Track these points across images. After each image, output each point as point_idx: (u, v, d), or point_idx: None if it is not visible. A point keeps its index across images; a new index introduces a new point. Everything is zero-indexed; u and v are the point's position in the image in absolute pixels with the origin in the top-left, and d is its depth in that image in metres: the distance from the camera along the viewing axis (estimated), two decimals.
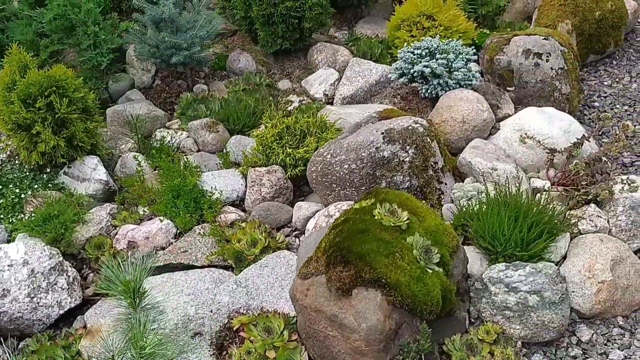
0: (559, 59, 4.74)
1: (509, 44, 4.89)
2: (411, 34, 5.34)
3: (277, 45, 5.37)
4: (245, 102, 4.77)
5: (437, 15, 5.33)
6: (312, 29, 5.45)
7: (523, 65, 4.73)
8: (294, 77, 5.47)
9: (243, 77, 5.23)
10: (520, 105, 4.76)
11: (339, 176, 3.65)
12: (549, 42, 4.79)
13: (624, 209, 3.43)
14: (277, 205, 3.83)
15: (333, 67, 5.38)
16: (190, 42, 4.92)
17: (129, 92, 5.18)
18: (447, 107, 4.21)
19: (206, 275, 3.39)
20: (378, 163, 3.61)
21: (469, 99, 4.19)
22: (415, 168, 3.65)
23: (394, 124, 3.77)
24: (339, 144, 3.75)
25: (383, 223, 2.83)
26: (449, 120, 4.15)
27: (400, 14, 5.48)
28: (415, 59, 4.40)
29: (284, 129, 4.19)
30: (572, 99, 4.73)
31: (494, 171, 3.73)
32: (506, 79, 4.81)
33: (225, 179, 4.06)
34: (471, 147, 3.96)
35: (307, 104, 4.85)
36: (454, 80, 4.35)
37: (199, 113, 4.70)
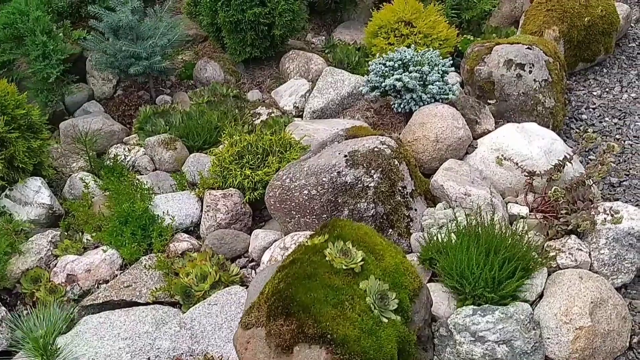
0: (543, 70, 4.43)
1: (490, 54, 4.59)
2: (389, 41, 5.03)
3: (245, 54, 5.06)
4: (208, 116, 4.46)
5: (415, 22, 5.02)
6: (284, 36, 5.13)
7: (505, 77, 4.42)
8: (265, 87, 5.16)
9: (209, 88, 4.92)
10: (501, 120, 4.46)
11: (298, 203, 3.35)
12: (533, 52, 4.48)
13: (607, 242, 3.13)
14: (232, 234, 3.52)
15: (306, 76, 5.07)
16: (151, 51, 4.61)
17: (87, 104, 4.87)
18: (419, 124, 3.90)
19: (148, 315, 3.08)
20: (340, 189, 3.31)
21: (444, 116, 3.88)
22: (380, 194, 3.35)
23: (358, 145, 3.46)
24: (299, 167, 3.44)
25: (334, 265, 2.53)
26: (422, 139, 3.84)
27: (378, 20, 5.16)
28: (388, 71, 4.09)
29: (245, 147, 3.89)
30: (557, 113, 4.42)
31: (467, 197, 3.42)
32: (487, 91, 4.50)
33: (179, 203, 3.76)
34: (444, 169, 3.65)
35: (274, 118, 4.54)
36: (429, 94, 4.04)
37: (157, 128, 4.39)
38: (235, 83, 5.18)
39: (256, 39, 5.01)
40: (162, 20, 4.75)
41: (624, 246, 3.14)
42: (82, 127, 4.42)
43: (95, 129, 4.41)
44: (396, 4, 5.15)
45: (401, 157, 3.51)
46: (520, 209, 3.51)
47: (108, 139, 4.48)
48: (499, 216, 3.35)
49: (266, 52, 5.19)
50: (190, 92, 4.90)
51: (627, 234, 3.16)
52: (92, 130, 4.41)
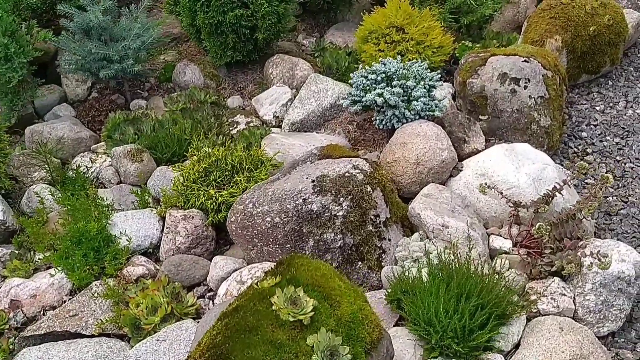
0: (540, 86, 4.12)
1: (484, 65, 4.28)
2: (378, 47, 4.73)
3: (227, 57, 4.78)
4: (180, 125, 4.20)
5: (408, 28, 4.71)
6: (268, 40, 4.84)
7: (498, 92, 4.12)
8: (246, 94, 4.89)
9: (186, 93, 4.65)
10: (493, 138, 4.16)
11: (260, 230, 3.09)
12: (530, 66, 4.16)
13: (594, 287, 2.85)
14: (190, 260, 3.27)
15: (290, 83, 4.79)
16: (123, 54, 4.35)
17: (57, 108, 4.63)
18: (400, 144, 3.62)
19: (90, 351, 2.85)
20: (305, 217, 3.04)
21: (427, 135, 3.60)
22: (350, 224, 3.08)
23: (328, 169, 3.19)
24: (264, 191, 3.18)
25: (280, 316, 2.27)
26: (401, 161, 3.56)
27: (368, 25, 4.86)
28: (369, 85, 3.80)
29: (213, 163, 3.63)
30: (553, 133, 4.12)
31: (445, 229, 3.15)
32: (479, 106, 4.21)
33: (139, 222, 3.51)
34: (423, 195, 3.38)
35: (250, 129, 4.27)
36: (413, 111, 3.75)
37: (126, 137, 4.14)
38: (215, 88, 4.91)
39: (238, 42, 4.73)
40: (137, 20, 4.48)
41: (612, 292, 2.86)
42: (47, 134, 4.19)
43: (60, 136, 4.18)
44: (388, 8, 4.85)
45: (375, 182, 3.23)
46: (503, 242, 3.23)
47: (74, 146, 4.24)
48: (477, 252, 3.07)
49: (249, 56, 4.91)
50: (166, 98, 4.64)
51: (616, 278, 2.87)
52: (57, 137, 4.18)
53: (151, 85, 5.08)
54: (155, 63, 5.29)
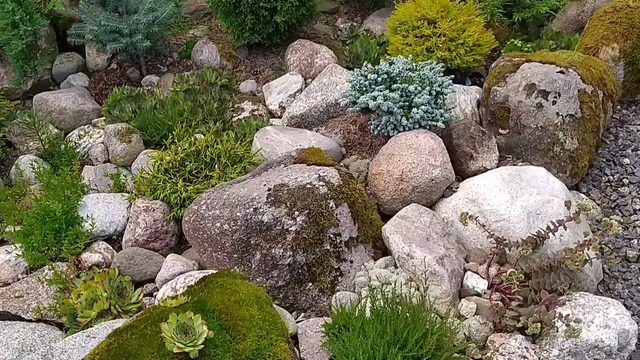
0: (572, 103, 3.60)
1: (514, 73, 3.80)
2: (406, 41, 4.34)
3: (244, 39, 4.56)
4: (179, 107, 4.05)
5: (440, 22, 4.28)
6: (290, 24, 4.56)
7: (522, 105, 3.64)
8: (261, 79, 4.66)
9: (197, 73, 4.50)
10: (510, 156, 3.71)
11: (210, 235, 2.89)
12: (565, 78, 3.64)
13: (561, 354, 2.43)
14: (144, 254, 3.14)
15: (307, 72, 4.51)
16: (134, 27, 4.23)
17: (72, 76, 4.62)
18: (388, 155, 3.27)
19: (19, 337, 2.80)
20: (254, 228, 2.81)
21: (419, 149, 3.22)
22: (303, 241, 2.81)
23: (290, 177, 2.92)
24: (220, 193, 2.97)
25: (166, 345, 2.08)
26: (384, 174, 3.22)
27: (400, 15, 4.46)
28: (367, 86, 3.45)
29: (192, 153, 3.46)
30: (579, 158, 3.59)
31: (410, 259, 2.81)
32: (499, 118, 3.75)
33: (108, 207, 3.42)
34: (399, 217, 3.03)
35: (247, 119, 4.06)
36: (412, 119, 3.37)
37: (123, 114, 4.05)
38: (231, 70, 4.72)
39: (257, 23, 4.50)
40: None
41: None
42: (52, 103, 4.18)
43: (63, 107, 4.15)
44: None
45: (342, 197, 2.93)
46: (478, 282, 2.85)
47: (76, 118, 4.21)
48: (442, 290, 2.72)
49: (270, 39, 4.67)
50: (176, 76, 4.50)
51: (592, 347, 2.44)
52: (60, 107, 4.16)
53: (173, 61, 4.96)
54: (183, 37, 5.17)
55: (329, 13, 5.67)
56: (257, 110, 4.25)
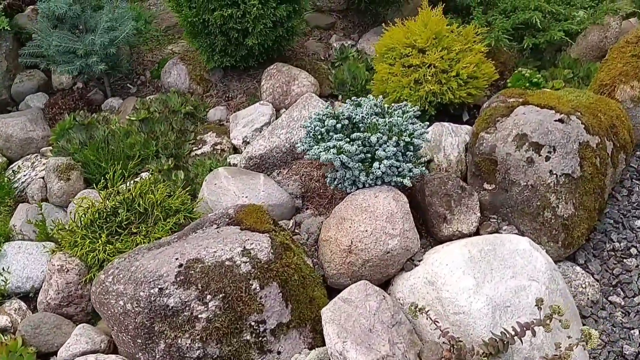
0: (571, 159, 3.03)
1: (507, 117, 3.26)
2: (392, 70, 3.82)
3: (214, 62, 4.12)
4: (132, 139, 3.65)
5: (431, 51, 3.74)
6: (265, 46, 4.09)
7: (511, 158, 3.10)
8: (233, 106, 4.21)
9: (162, 98, 4.08)
10: (495, 217, 3.17)
11: (113, 313, 2.48)
12: (564, 128, 3.08)
13: None
14: (52, 323, 2.75)
15: (281, 100, 4.04)
16: (90, 48, 3.84)
17: (30, 97, 4.28)
18: (339, 218, 2.79)
19: None
20: (158, 313, 2.38)
21: (376, 213, 2.73)
22: (215, 330, 2.36)
23: (208, 250, 2.47)
24: (129, 264, 2.54)
25: None
26: (332, 242, 2.74)
27: (387, 40, 3.94)
28: (325, 133, 2.96)
29: (125, 201, 3.05)
30: (574, 227, 3.02)
31: (342, 358, 2.33)
32: (485, 171, 3.21)
33: (28, 259, 3.05)
34: (341, 299, 2.55)
35: (204, 156, 3.62)
36: (372, 175, 2.87)
37: (69, 147, 3.67)
38: (201, 94, 4.29)
39: (228, 45, 4.05)
40: (116, 10, 3.94)
41: None
42: (0, 128, 3.85)
43: (10, 134, 3.81)
44: (415, 22, 3.89)
45: (270, 276, 2.47)
46: None
47: (23, 147, 3.86)
48: None
49: (245, 62, 4.21)
50: (138, 101, 4.10)
51: None
52: (6, 134, 3.82)
53: (144, 80, 4.58)
54: (160, 53, 4.78)
55: (324, 29, 5.18)
56: (220, 144, 3.81)
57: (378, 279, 2.73)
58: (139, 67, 4.63)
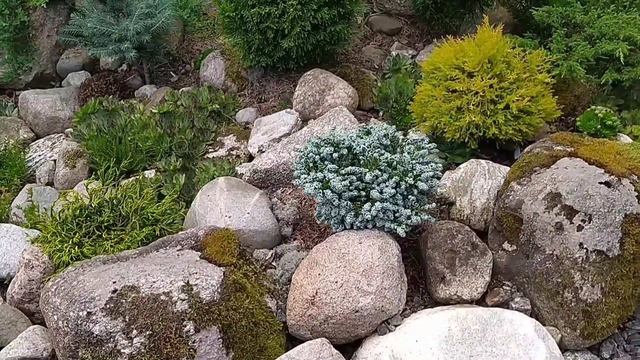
0: (609, 233, 2.50)
1: (547, 168, 2.77)
2: (434, 93, 3.40)
3: (250, 60, 3.88)
4: (147, 133, 3.52)
5: (477, 78, 3.27)
6: (304, 50, 3.78)
7: (538, 219, 2.62)
8: (264, 109, 3.97)
9: (191, 92, 3.92)
10: (509, 285, 2.71)
11: (50, 325, 2.34)
12: (609, 194, 2.55)
13: None
14: (7, 319, 2.66)
15: (313, 110, 3.74)
16: (124, 34, 3.74)
17: (72, 75, 4.28)
18: (312, 261, 2.46)
19: None
20: (84, 338, 2.19)
21: (353, 263, 2.38)
22: None
23: (148, 278, 2.25)
24: (74, 276, 2.38)
25: None
26: (297, 288, 2.42)
27: (435, 57, 3.50)
28: (319, 161, 2.63)
29: (111, 201, 2.92)
30: (599, 315, 2.49)
31: None
32: (507, 228, 2.75)
33: (9, 244, 3.00)
34: (288, 358, 2.24)
35: (216, 160, 3.41)
36: (360, 217, 2.51)
37: (87, 132, 3.60)
38: (235, 92, 4.08)
39: (265, 45, 3.79)
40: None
41: None
42: (31, 104, 3.87)
43: (38, 111, 3.82)
44: (467, 42, 3.44)
45: (210, 319, 2.20)
46: None
47: (50, 125, 3.86)
48: None
49: (283, 63, 3.94)
50: (168, 93, 3.96)
51: None
52: (35, 111, 3.83)
53: (188, 70, 4.45)
54: (211, 43, 4.63)
55: (388, 34, 4.79)
56: (237, 150, 3.59)
57: (345, 337, 2.39)
58: (186, 55, 4.50)
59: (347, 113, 3.51)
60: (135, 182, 2.96)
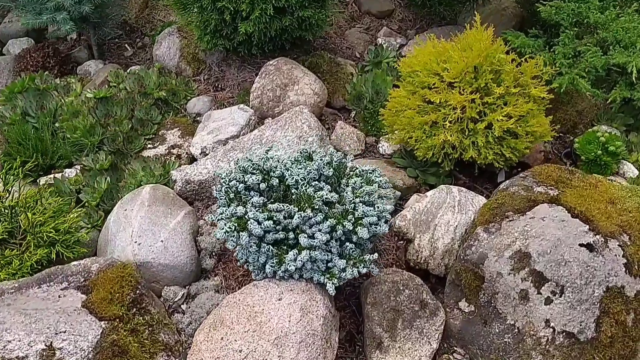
0: (584, 312, 2.04)
1: (522, 215, 2.30)
2: (407, 103, 2.89)
3: (205, 43, 3.37)
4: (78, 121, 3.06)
5: (456, 89, 2.75)
6: (267, 35, 3.26)
7: (502, 282, 2.16)
8: (220, 98, 3.47)
9: (136, 75, 3.43)
10: (462, 351, 2.27)
11: None
12: (590, 260, 2.08)
13: None
14: None
15: (271, 108, 3.24)
16: (60, 3, 3.24)
17: (13, 42, 3.80)
18: (218, 319, 2.02)
19: None
20: None
21: (266, 326, 1.94)
22: None
23: (1, 335, 1.84)
24: None
25: None
26: (195, 352, 1.99)
27: (414, 58, 2.97)
28: (244, 191, 2.16)
29: (10, 209, 2.49)
30: None
31: None
32: (466, 285, 2.29)
33: None
34: None
35: (153, 163, 2.94)
36: (284, 267, 2.06)
37: (11, 115, 3.15)
38: (190, 77, 3.58)
39: (223, 27, 3.28)
40: None
41: None
42: None
43: None
44: (451, 44, 2.91)
45: None
46: None
47: None
48: None
49: (246, 49, 3.42)
50: (112, 73, 3.47)
51: None
52: None
53: (146, 44, 3.94)
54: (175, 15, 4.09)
55: (377, 17, 4.23)
56: (180, 148, 3.12)
57: None
58: (146, 26, 3.99)
59: (308, 116, 3.02)
60: (41, 188, 2.52)
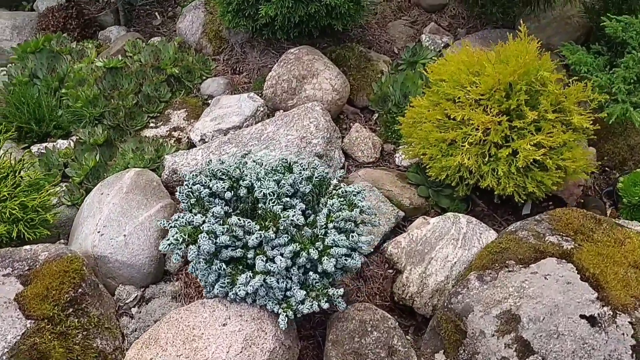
0: None
1: (524, 268, 1.98)
2: (427, 115, 2.58)
3: (227, 21, 3.15)
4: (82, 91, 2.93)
5: (479, 110, 2.42)
6: (290, 21, 3.00)
7: (484, 341, 1.88)
8: (235, 82, 3.25)
9: (153, 47, 3.26)
10: None
11: None
12: (591, 337, 1.78)
13: None
14: None
15: (285, 100, 2.99)
16: None
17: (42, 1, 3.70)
18: (150, 338, 1.82)
19: None
20: None
21: (200, 354, 1.74)
22: None
23: None
24: None
25: None
26: None
27: (444, 66, 2.64)
28: (207, 197, 1.94)
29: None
30: None
31: None
32: (446, 337, 2.01)
33: None
34: None
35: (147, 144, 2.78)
36: (235, 291, 1.84)
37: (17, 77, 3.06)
38: (210, 55, 3.38)
39: (246, 6, 3.04)
40: None
41: None
42: None
43: None
44: (485, 54, 2.57)
45: None
46: None
47: None
48: None
49: (270, 31, 3.18)
50: (129, 41, 3.31)
51: None
52: None
53: (178, 13, 3.76)
54: None
55: (427, 10, 3.87)
56: (182, 131, 2.95)
57: None
58: None
59: (319, 114, 2.76)
60: (23, 158, 2.40)
